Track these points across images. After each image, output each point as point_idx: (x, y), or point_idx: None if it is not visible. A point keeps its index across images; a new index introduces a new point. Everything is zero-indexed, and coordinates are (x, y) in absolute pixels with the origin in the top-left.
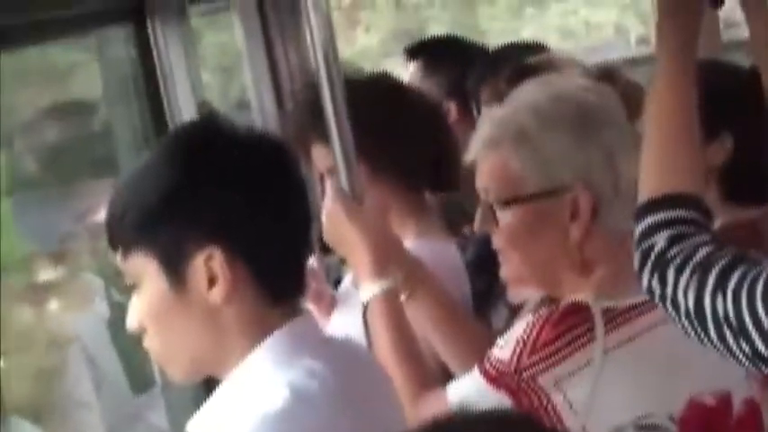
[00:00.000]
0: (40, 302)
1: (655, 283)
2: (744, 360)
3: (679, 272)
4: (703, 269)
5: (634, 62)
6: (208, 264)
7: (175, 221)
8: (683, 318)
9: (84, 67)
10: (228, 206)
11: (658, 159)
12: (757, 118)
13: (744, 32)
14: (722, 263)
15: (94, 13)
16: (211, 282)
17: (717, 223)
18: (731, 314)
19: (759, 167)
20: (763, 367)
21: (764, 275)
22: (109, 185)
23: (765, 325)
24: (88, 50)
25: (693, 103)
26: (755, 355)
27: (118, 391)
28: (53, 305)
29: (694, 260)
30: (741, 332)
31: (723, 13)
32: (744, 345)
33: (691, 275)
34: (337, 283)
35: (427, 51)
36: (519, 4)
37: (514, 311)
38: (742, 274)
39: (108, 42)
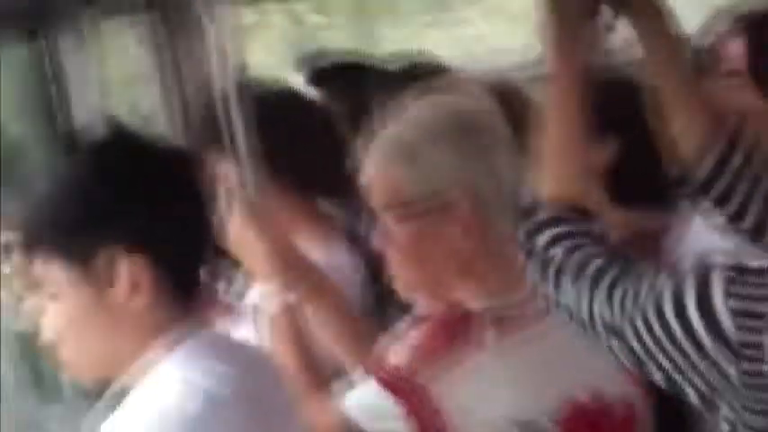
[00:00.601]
0: None
1: (552, 290)
2: (625, 361)
3: (574, 282)
4: (594, 280)
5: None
6: (126, 271)
7: (91, 232)
8: (579, 323)
9: None
10: (141, 216)
11: (550, 163)
12: (644, 122)
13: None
14: (609, 275)
15: None
16: (133, 287)
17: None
18: (616, 322)
19: (647, 172)
20: (639, 369)
21: (642, 291)
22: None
23: (642, 332)
24: None
25: (579, 104)
26: (633, 358)
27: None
28: None
29: (586, 272)
30: (622, 337)
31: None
32: (624, 347)
33: (583, 286)
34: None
35: (329, 79)
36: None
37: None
38: (624, 288)
39: (9, 57)
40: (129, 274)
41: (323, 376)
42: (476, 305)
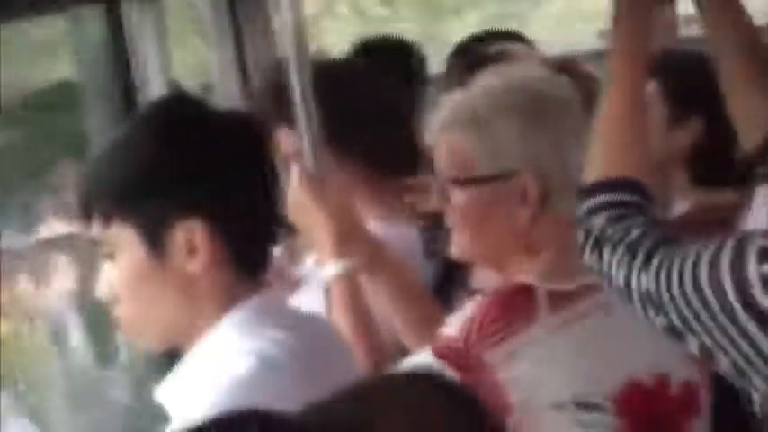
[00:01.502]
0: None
1: (594, 260)
2: (662, 331)
3: (612, 251)
4: (632, 250)
5: (597, 55)
6: (188, 236)
7: (158, 193)
8: (617, 293)
9: (56, 47)
10: (210, 180)
11: (606, 146)
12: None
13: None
14: (648, 245)
15: None
16: (190, 252)
17: (685, 207)
18: (652, 291)
19: (728, 152)
20: (677, 340)
21: (679, 260)
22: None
23: (679, 302)
24: (60, 30)
25: (642, 96)
26: (671, 329)
27: (82, 366)
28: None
29: (626, 241)
30: (660, 308)
31: (680, 8)
32: (662, 319)
33: (622, 255)
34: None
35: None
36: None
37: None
38: (662, 257)
39: (81, 22)
40: (186, 237)
41: (383, 351)
42: (534, 280)
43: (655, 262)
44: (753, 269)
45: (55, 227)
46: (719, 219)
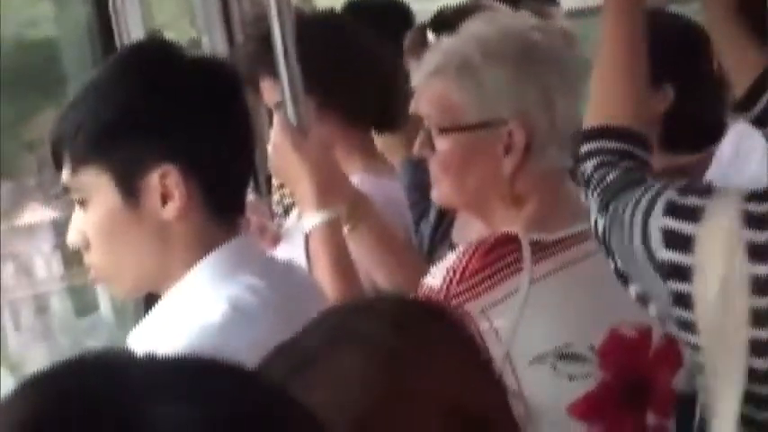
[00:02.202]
0: None
1: (587, 203)
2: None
3: (591, 195)
4: (601, 195)
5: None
6: (163, 181)
7: (133, 138)
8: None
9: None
10: (185, 125)
11: (604, 95)
12: (700, 70)
13: None
14: (613, 189)
15: None
16: (164, 198)
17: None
18: (607, 236)
19: (698, 119)
20: (624, 285)
21: (622, 204)
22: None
23: (619, 246)
24: None
25: (638, 46)
26: (619, 275)
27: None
28: None
29: (600, 186)
30: (609, 252)
31: None
32: (611, 263)
33: (594, 200)
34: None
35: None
36: None
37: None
38: (617, 202)
39: None
40: (161, 182)
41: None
42: (517, 230)
43: (611, 207)
44: (655, 220)
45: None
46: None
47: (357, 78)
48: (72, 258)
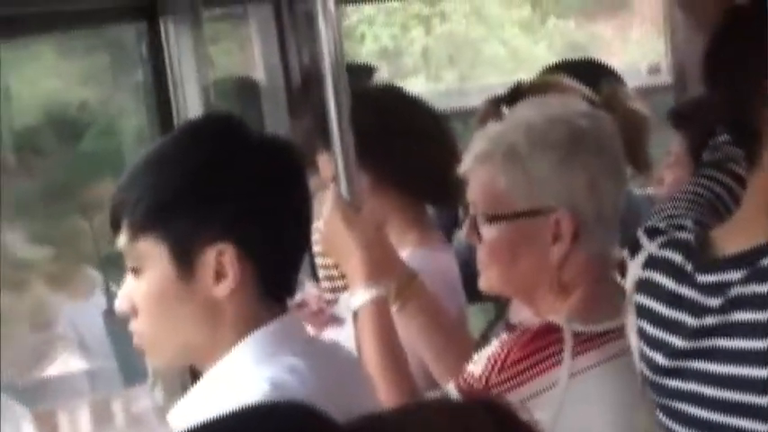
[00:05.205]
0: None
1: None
2: None
3: None
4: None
5: (644, 91)
6: (218, 258)
7: (193, 212)
8: None
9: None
10: (245, 204)
11: None
12: None
13: None
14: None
15: (107, 8)
16: (218, 275)
17: None
18: None
19: None
20: None
21: None
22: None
23: None
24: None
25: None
26: None
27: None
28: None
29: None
30: None
31: None
32: None
33: None
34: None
35: None
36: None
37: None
38: None
39: (120, 39)
40: (217, 260)
41: (411, 380)
42: (561, 321)
43: None
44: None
45: None
46: None
47: (413, 153)
48: None
